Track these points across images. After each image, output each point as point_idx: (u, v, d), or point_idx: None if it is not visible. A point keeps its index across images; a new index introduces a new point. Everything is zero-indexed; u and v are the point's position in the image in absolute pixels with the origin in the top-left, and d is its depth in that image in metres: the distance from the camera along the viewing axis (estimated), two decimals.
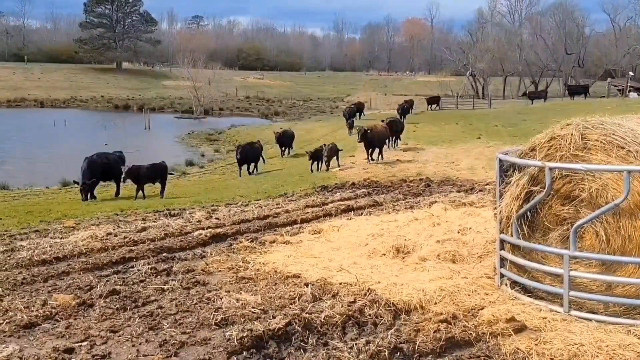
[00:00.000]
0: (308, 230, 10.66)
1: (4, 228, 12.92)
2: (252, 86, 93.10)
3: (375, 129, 24.27)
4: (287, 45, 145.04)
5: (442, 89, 76.33)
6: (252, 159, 26.10)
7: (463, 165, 21.68)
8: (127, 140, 41.73)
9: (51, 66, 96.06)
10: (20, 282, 7.68)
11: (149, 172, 19.82)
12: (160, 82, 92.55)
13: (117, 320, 6.24)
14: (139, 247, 9.64)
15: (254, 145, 26.71)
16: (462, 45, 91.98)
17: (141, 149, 38.28)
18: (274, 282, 7.50)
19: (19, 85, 77.69)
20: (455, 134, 34.11)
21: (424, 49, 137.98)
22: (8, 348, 5.50)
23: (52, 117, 52.71)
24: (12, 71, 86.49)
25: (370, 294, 6.86)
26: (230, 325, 6.04)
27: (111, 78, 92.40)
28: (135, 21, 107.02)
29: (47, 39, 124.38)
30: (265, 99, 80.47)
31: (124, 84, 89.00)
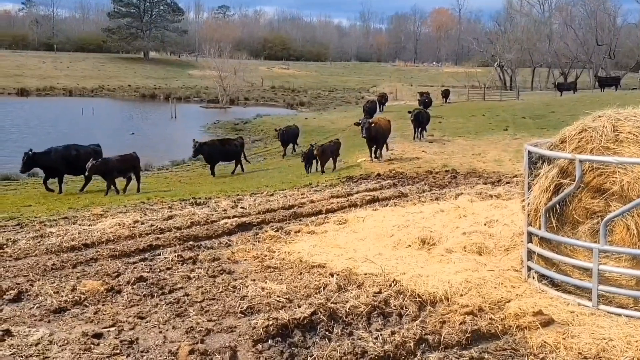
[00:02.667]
0: (333, 220, 10.66)
1: (33, 214, 13.18)
2: (277, 76, 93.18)
3: (378, 123, 22.67)
4: (313, 36, 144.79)
5: (469, 80, 75.56)
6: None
7: (489, 157, 21.49)
8: (153, 130, 42.18)
9: (80, 55, 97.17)
10: (50, 268, 7.80)
11: (118, 164, 18.67)
12: (186, 71, 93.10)
13: (144, 306, 6.31)
14: (165, 235, 9.73)
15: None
16: (490, 36, 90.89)
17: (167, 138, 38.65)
18: (299, 272, 7.52)
19: (48, 74, 78.70)
20: (481, 125, 33.78)
21: (451, 40, 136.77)
22: (38, 332, 5.60)
23: (80, 106, 53.33)
24: (42, 60, 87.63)
25: (395, 284, 6.84)
26: (256, 313, 6.08)
27: (138, 67, 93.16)
28: (163, 11, 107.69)
29: (76, 28, 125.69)
30: (290, 89, 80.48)
31: (151, 73, 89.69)
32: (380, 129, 22.08)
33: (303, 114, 53.39)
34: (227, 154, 24.52)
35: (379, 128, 22.06)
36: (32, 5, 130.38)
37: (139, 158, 19.56)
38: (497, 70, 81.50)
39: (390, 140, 26.76)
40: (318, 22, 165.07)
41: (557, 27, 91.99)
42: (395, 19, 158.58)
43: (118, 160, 18.71)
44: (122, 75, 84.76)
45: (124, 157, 18.99)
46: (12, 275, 7.43)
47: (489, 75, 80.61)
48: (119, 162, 18.63)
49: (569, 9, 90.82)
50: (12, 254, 8.62)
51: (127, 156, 19.07)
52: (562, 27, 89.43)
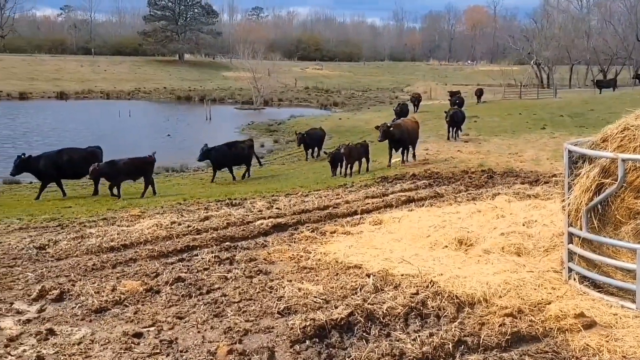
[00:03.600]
0: (369, 221, 10.62)
1: (73, 215, 13.40)
2: (311, 77, 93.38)
3: (402, 125, 21.70)
4: (346, 36, 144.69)
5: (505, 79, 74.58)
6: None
7: (527, 157, 21.17)
8: (189, 131, 42.63)
9: (116, 59, 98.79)
10: (91, 268, 7.94)
11: (125, 167, 17.85)
12: (220, 73, 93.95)
13: (182, 306, 6.38)
14: (202, 235, 9.82)
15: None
16: (526, 33, 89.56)
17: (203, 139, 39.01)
18: (335, 272, 7.52)
19: (86, 78, 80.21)
20: (518, 124, 33.31)
21: (486, 38, 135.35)
22: (80, 331, 5.71)
23: (117, 108, 54.21)
24: (80, 64, 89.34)
25: (432, 286, 6.79)
26: (293, 314, 6.09)
27: (173, 70, 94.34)
28: (197, 13, 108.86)
29: (113, 32, 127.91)
30: (324, 90, 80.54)
31: (186, 75, 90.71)
32: (402, 132, 21.18)
33: (337, 114, 53.37)
34: (236, 158, 23.17)
35: (402, 130, 21.18)
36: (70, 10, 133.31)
37: (153, 162, 18.71)
38: (533, 68, 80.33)
39: (425, 140, 26.59)
40: (351, 22, 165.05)
41: (595, 23, 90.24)
42: (429, 18, 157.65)
43: (125, 163, 17.94)
44: (157, 78, 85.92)
45: (132, 160, 18.26)
46: (55, 276, 7.58)
47: (525, 73, 79.46)
48: (126, 165, 17.86)
49: (608, 5, 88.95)
50: (54, 255, 8.80)
51: (136, 159, 18.36)
52: (600, 23, 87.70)
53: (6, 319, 6.04)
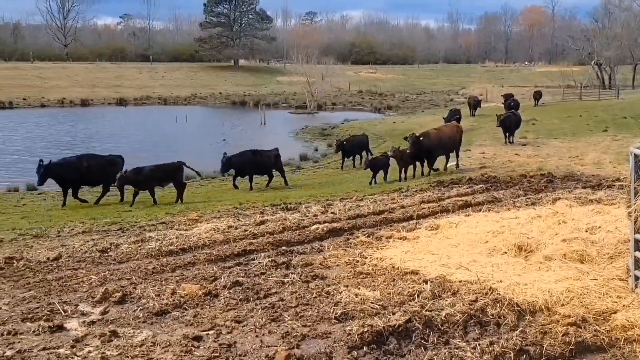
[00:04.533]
0: (425, 226, 10.52)
1: (134, 219, 13.73)
2: (364, 80, 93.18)
3: (432, 134, 20.32)
4: (400, 38, 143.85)
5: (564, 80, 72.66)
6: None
7: (588, 160, 20.56)
8: (243, 136, 43.13)
9: (173, 65, 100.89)
10: (151, 271, 8.13)
11: (152, 174, 17.64)
12: (275, 78, 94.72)
13: (240, 310, 6.45)
14: (258, 240, 9.92)
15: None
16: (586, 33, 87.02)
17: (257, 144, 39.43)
18: (392, 278, 7.46)
19: (144, 84, 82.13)
20: (578, 126, 32.39)
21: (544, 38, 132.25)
22: (142, 334, 5.84)
23: (174, 113, 55.33)
24: (139, 71, 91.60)
25: (492, 293, 6.67)
26: (350, 319, 6.08)
27: (229, 75, 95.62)
28: (252, 19, 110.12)
29: (170, 39, 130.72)
30: (377, 93, 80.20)
31: (241, 80, 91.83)
32: (435, 141, 19.98)
33: (390, 117, 53.08)
34: (260, 166, 21.82)
35: (433, 140, 19.93)
36: (129, 19, 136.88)
37: (181, 168, 18.34)
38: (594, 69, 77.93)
39: (481, 143, 26.19)
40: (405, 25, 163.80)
41: None
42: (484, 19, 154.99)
43: (152, 169, 17.77)
44: (213, 83, 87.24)
45: (159, 167, 18.03)
46: (117, 278, 7.79)
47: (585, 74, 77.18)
48: (152, 172, 17.69)
49: None
50: (116, 258, 9.05)
51: (163, 166, 18.10)
52: None
53: (72, 320, 6.24)
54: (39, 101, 65.84)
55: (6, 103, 62.68)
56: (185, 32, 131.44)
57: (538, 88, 58.67)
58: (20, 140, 39.18)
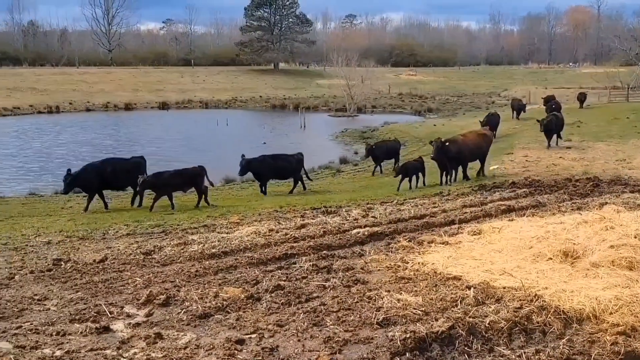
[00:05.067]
0: (467, 230, 10.38)
1: (176, 222, 13.91)
2: (404, 83, 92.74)
3: (459, 140, 19.44)
4: (441, 40, 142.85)
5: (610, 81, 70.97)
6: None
7: (636, 163, 20.04)
8: (283, 139, 43.35)
9: (214, 69, 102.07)
10: (194, 274, 8.22)
11: (172, 179, 17.50)
12: (314, 81, 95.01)
13: (282, 314, 6.47)
14: (299, 244, 9.94)
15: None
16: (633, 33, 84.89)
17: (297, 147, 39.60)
18: (434, 284, 7.39)
19: (186, 88, 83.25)
20: (625, 128, 31.60)
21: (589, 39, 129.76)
22: (186, 336, 5.91)
23: (215, 117, 55.95)
24: (181, 75, 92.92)
25: (537, 300, 6.55)
26: (392, 325, 6.04)
27: (269, 78, 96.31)
28: (292, 23, 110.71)
29: (211, 43, 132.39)
30: (418, 96, 79.72)
31: (281, 84, 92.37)
32: (461, 147, 19.08)
33: (431, 120, 52.71)
34: (280, 171, 21.41)
35: (460, 147, 19.07)
36: (172, 24, 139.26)
37: (202, 173, 18.04)
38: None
39: (525, 146, 25.80)
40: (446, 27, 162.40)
41: None
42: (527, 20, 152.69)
43: (172, 174, 17.68)
44: (253, 87, 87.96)
45: (179, 171, 17.94)
46: (161, 281, 7.90)
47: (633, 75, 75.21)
48: (172, 177, 17.57)
49: None
50: (159, 260, 9.19)
51: (183, 170, 18.01)
52: None
53: (118, 322, 6.35)
54: (84, 105, 67.37)
55: (53, 107, 64.27)
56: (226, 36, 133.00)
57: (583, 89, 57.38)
58: (65, 144, 40.10)
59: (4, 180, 27.60)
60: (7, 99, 64.16)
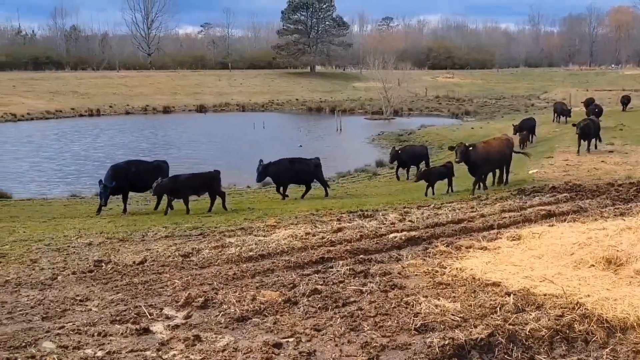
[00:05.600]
0: (506, 236, 10.24)
1: (214, 225, 14.03)
2: (441, 85, 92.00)
3: (480, 147, 18.37)
4: (479, 42, 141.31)
5: None
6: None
7: None
8: (320, 142, 43.44)
9: (251, 72, 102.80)
10: (232, 277, 8.28)
11: (188, 183, 17.34)
12: (351, 84, 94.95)
13: (319, 319, 6.47)
14: (336, 247, 9.94)
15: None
16: None
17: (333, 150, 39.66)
18: (472, 290, 7.31)
19: (223, 91, 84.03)
20: None
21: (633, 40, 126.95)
22: (224, 339, 5.95)
23: (252, 120, 56.36)
24: (218, 78, 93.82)
25: (579, 308, 6.42)
26: (430, 331, 5.99)
27: (305, 81, 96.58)
28: (328, 26, 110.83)
29: (248, 46, 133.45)
30: (455, 98, 78.96)
31: (317, 87, 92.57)
32: (482, 154, 18.04)
33: (468, 123, 52.15)
34: (298, 175, 20.88)
35: (483, 153, 18.09)
36: (209, 27, 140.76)
37: (218, 177, 17.95)
38: None
39: (565, 150, 25.35)
40: (484, 28, 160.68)
41: None
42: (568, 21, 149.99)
43: (188, 178, 17.55)
44: (289, 90, 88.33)
45: (195, 175, 17.89)
46: (199, 283, 7.98)
47: None
48: (188, 181, 17.41)
49: None
50: (198, 263, 9.28)
51: (199, 174, 17.96)
52: None
53: (157, 324, 6.44)
54: (124, 108, 68.51)
55: (94, 110, 65.55)
56: (263, 39, 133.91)
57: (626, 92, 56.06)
58: (102, 147, 40.78)
59: (43, 182, 28.23)
60: (50, 102, 65.66)
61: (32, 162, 34.21)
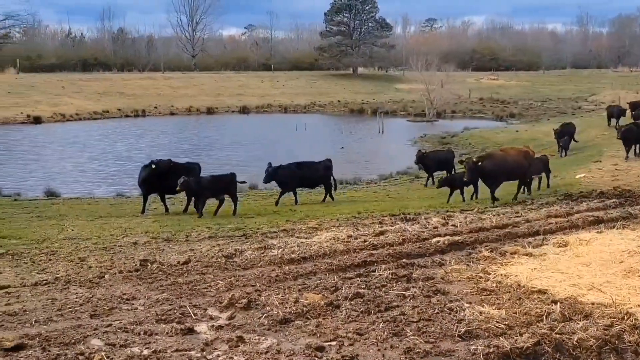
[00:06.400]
0: (552, 242, 10.05)
1: (256, 226, 14.17)
2: (485, 87, 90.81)
3: (496, 157, 17.58)
4: (525, 44, 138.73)
5: None
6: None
7: None
8: (361, 144, 43.37)
9: (294, 74, 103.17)
10: (274, 279, 8.33)
11: (210, 185, 17.45)
12: (393, 85, 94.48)
13: (362, 323, 6.45)
14: (378, 251, 9.90)
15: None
16: None
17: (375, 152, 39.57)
18: (517, 297, 7.18)
19: (266, 93, 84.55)
20: None
21: None
22: (267, 341, 5.99)
23: (293, 121, 56.60)
24: (261, 80, 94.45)
25: (629, 318, 6.26)
26: (474, 338, 5.92)
27: (347, 83, 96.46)
28: (371, 27, 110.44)
29: (291, 48, 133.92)
30: (499, 101, 77.81)
31: (359, 88, 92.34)
32: (495, 166, 16.96)
33: (513, 126, 51.39)
34: (306, 179, 20.66)
35: (496, 165, 17.05)
36: (253, 29, 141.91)
37: (235, 180, 18.10)
38: None
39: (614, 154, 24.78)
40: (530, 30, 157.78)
41: None
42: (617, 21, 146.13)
43: (210, 180, 17.61)
44: (332, 92, 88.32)
45: (215, 177, 17.98)
46: (242, 285, 8.04)
47: None
48: (210, 183, 17.47)
49: None
50: (240, 264, 9.36)
51: (218, 177, 18.07)
52: None
53: (201, 324, 6.52)
54: (168, 109, 69.58)
55: (140, 111, 66.79)
56: (306, 41, 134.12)
57: None
58: (144, 148, 41.39)
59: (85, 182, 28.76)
60: (98, 103, 67.14)
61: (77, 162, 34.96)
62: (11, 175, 30.03)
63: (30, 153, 38.15)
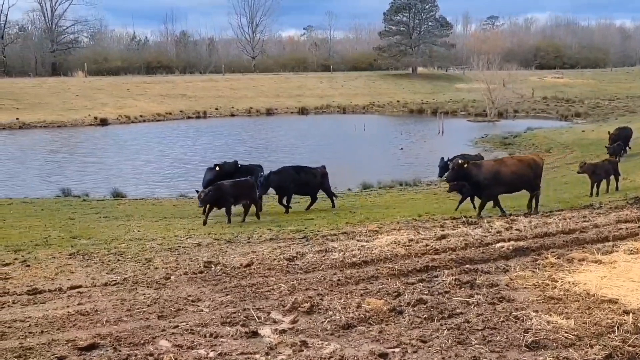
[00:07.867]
0: (623, 249, 9.69)
1: (316, 228, 14.23)
2: (549, 86, 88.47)
3: (485, 165, 16.04)
4: (591, 40, 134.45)
5: None
6: None
7: None
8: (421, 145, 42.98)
9: (352, 74, 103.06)
10: (336, 283, 8.33)
11: (232, 191, 17.17)
12: (453, 85, 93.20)
13: (425, 329, 6.39)
14: (440, 256, 9.78)
15: None
16: None
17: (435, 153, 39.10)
18: (586, 306, 6.97)
19: (324, 93, 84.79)
20: None
21: None
22: (330, 346, 6.00)
23: (352, 122, 56.55)
24: (320, 80, 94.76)
25: None
26: (542, 349, 5.78)
27: (406, 83, 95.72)
28: (431, 26, 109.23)
29: (350, 48, 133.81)
30: (564, 100, 75.68)
31: (419, 88, 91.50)
32: (483, 174, 15.40)
33: (578, 126, 49.93)
34: (303, 185, 19.81)
35: (483, 172, 15.45)
36: (312, 30, 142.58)
37: (254, 185, 17.90)
38: None
39: None
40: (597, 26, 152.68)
41: None
42: None
43: (231, 186, 17.31)
44: (390, 92, 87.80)
45: (236, 182, 17.63)
46: (304, 288, 8.09)
47: None
48: (232, 188, 17.22)
49: None
50: (302, 267, 9.41)
51: (238, 182, 17.69)
52: None
53: (265, 327, 6.59)
54: (229, 111, 70.68)
55: (201, 113, 68.10)
56: (365, 41, 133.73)
57: None
58: (200, 150, 41.94)
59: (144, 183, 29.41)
60: (161, 104, 68.81)
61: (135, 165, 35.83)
62: (82, 175, 31.09)
63: (92, 155, 39.31)
